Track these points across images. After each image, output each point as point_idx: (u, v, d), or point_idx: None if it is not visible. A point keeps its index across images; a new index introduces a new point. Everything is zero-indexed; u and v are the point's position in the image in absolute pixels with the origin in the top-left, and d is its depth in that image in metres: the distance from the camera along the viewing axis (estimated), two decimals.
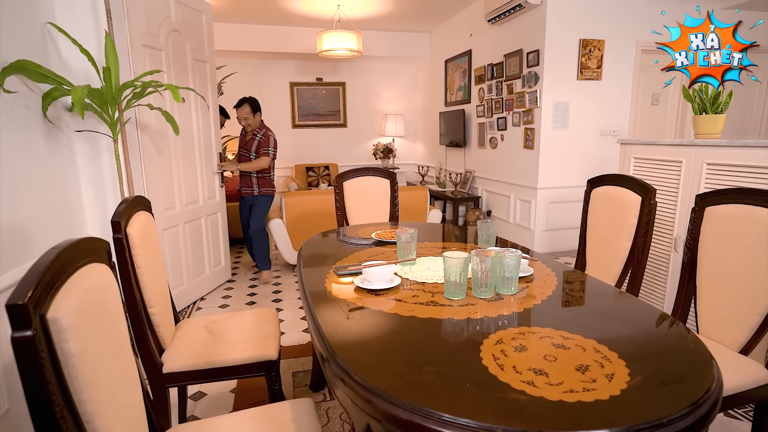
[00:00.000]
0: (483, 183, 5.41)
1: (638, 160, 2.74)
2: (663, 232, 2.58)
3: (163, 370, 1.55)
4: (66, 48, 2.18)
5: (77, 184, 2.33)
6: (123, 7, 2.47)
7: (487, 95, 5.13)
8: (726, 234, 1.62)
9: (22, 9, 1.94)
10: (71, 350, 0.79)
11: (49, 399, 0.74)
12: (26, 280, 0.75)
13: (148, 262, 1.54)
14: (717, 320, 1.64)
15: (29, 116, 1.94)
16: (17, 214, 1.81)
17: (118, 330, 1.01)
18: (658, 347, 1.04)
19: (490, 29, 4.97)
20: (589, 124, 4.35)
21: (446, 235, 2.29)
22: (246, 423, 1.19)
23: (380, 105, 7.42)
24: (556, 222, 4.43)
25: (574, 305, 1.30)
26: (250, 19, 5.72)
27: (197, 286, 3.36)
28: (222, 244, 3.67)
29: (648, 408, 0.79)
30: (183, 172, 3.07)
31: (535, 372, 0.90)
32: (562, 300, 1.30)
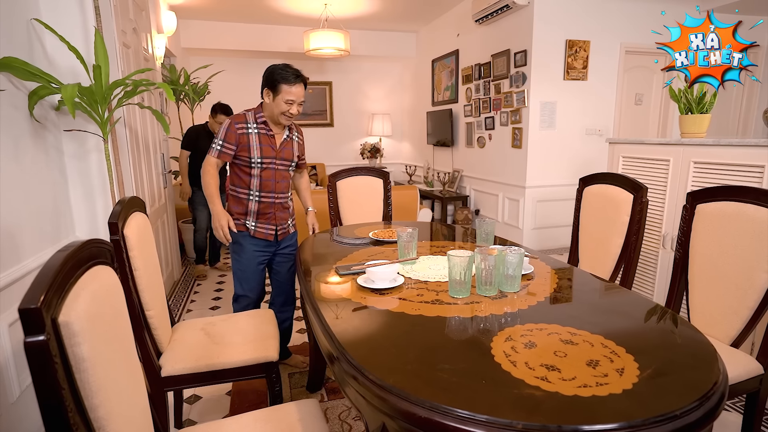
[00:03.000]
0: (471, 182, 5.45)
1: (626, 158, 2.80)
2: (652, 229, 2.64)
3: (162, 373, 1.53)
4: (52, 45, 2.12)
5: (65, 185, 2.27)
6: (110, 4, 2.41)
7: (475, 95, 5.17)
8: (717, 230, 1.66)
9: (5, 4, 1.87)
10: (83, 354, 0.77)
11: (63, 405, 0.73)
12: (37, 284, 0.72)
13: (146, 264, 1.51)
14: (709, 315, 1.68)
15: (15, 115, 1.88)
16: (2, 216, 1.75)
17: (126, 333, 0.99)
18: (663, 341, 1.06)
19: (477, 29, 5.01)
20: (576, 123, 4.43)
21: (437, 234, 2.30)
22: (253, 425, 1.18)
23: (367, 104, 7.41)
24: (545, 220, 4.50)
25: (576, 302, 1.32)
26: (236, 17, 5.65)
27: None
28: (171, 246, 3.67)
29: (661, 401, 0.81)
30: (146, 173, 3.02)
31: (547, 368, 0.91)
32: (564, 296, 1.32)
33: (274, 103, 1.94)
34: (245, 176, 2.03)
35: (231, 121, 1.99)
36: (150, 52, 3.36)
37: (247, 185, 2.04)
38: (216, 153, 1.99)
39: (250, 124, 2.00)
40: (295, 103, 1.94)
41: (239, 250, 2.09)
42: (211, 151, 2.00)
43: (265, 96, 1.97)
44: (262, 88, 1.98)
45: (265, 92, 1.96)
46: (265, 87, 1.96)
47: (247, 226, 2.07)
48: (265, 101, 1.98)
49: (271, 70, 1.95)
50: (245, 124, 1.99)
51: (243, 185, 2.05)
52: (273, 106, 1.95)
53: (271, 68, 1.96)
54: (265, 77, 1.96)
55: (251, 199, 2.05)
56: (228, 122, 1.99)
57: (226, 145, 1.98)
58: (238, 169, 2.05)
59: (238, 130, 1.98)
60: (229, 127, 1.98)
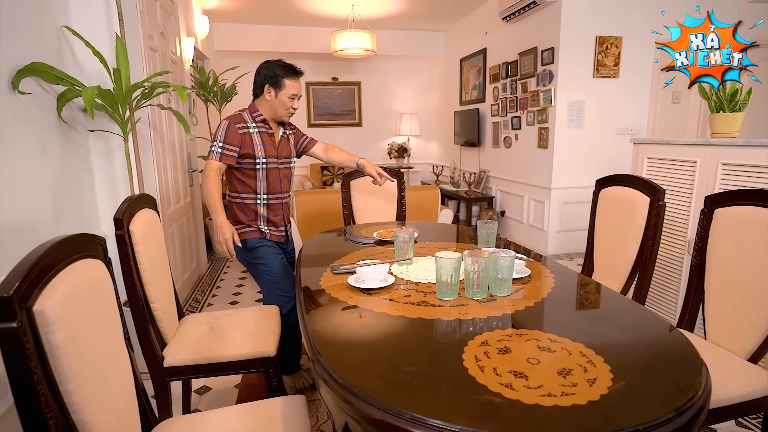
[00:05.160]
0: (497, 183, 5.35)
1: (651, 160, 2.66)
2: (676, 235, 2.51)
3: (164, 363, 1.59)
4: (81, 50, 2.25)
5: (92, 182, 2.41)
6: (137, 10, 2.54)
7: (502, 94, 5.07)
8: (735, 237, 1.56)
9: (38, 13, 2.01)
10: (57, 342, 0.82)
11: (34, 389, 0.77)
12: (13, 275, 0.77)
13: (151, 259, 1.57)
14: (725, 326, 1.58)
15: (44, 116, 2.01)
16: (30, 212, 1.88)
17: (110, 324, 1.04)
18: (648, 353, 1.01)
19: (504, 27, 4.91)
20: (606, 123, 4.26)
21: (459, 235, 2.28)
22: (236, 418, 1.21)
23: (395, 104, 7.42)
24: (570, 223, 4.35)
25: (567, 308, 1.28)
26: (266, 19, 5.80)
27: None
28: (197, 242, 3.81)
29: (626, 414, 0.77)
30: (171, 172, 3.14)
31: (515, 375, 0.89)
32: (555, 302, 1.28)
33: (277, 99, 1.90)
34: (249, 180, 1.95)
35: (230, 121, 1.89)
36: (178, 54, 3.50)
37: (253, 189, 1.96)
38: (217, 156, 1.85)
39: (249, 124, 1.92)
40: (296, 97, 1.91)
41: (263, 255, 1.98)
42: (211, 155, 1.86)
43: (265, 93, 1.91)
44: (260, 86, 1.91)
45: (266, 89, 1.90)
46: (265, 83, 1.90)
47: (261, 230, 2.00)
48: (265, 98, 1.92)
49: (270, 66, 1.90)
50: (245, 123, 1.91)
51: (248, 190, 1.97)
52: (276, 102, 1.90)
53: (269, 64, 1.91)
54: (264, 74, 1.90)
55: (259, 203, 1.98)
56: (226, 122, 1.89)
57: (227, 146, 1.86)
58: (240, 173, 1.95)
59: (239, 129, 1.88)
60: (229, 127, 1.87)
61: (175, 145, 3.26)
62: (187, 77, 3.88)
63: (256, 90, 1.95)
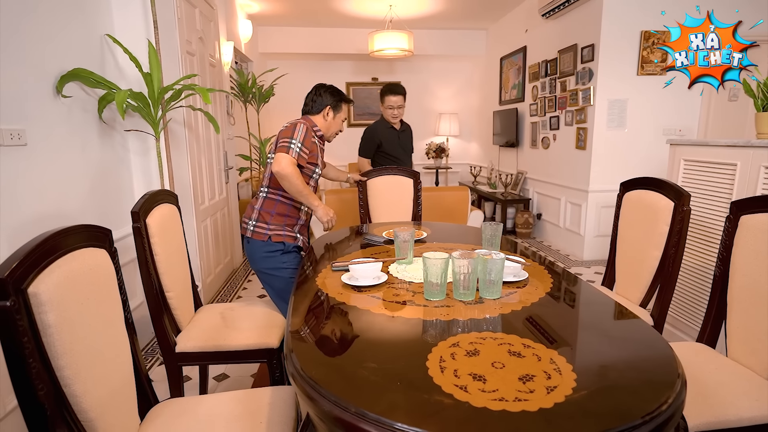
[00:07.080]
0: (534, 185, 5.20)
1: (688, 162, 2.49)
2: (714, 245, 2.33)
3: (176, 349, 1.70)
4: (122, 56, 2.44)
5: (130, 178, 2.60)
6: (175, 17, 2.71)
7: (541, 93, 4.92)
8: (762, 246, 1.44)
9: (83, 23, 2.20)
10: (49, 321, 0.91)
11: (26, 362, 0.86)
12: (10, 259, 0.87)
13: (167, 251, 1.68)
14: (748, 342, 1.47)
15: (86, 117, 2.20)
16: (71, 204, 2.06)
17: (108, 308, 1.13)
18: (624, 363, 0.97)
19: (544, 24, 4.76)
20: (650, 123, 4.02)
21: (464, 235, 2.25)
22: (226, 403, 1.28)
23: (435, 104, 7.37)
24: (608, 227, 4.14)
25: (554, 315, 1.24)
26: (307, 22, 5.96)
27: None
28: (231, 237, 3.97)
29: (575, 425, 0.75)
30: (207, 169, 3.30)
31: (474, 377, 0.88)
32: (544, 308, 1.25)
33: (334, 120, 2.08)
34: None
35: (309, 126, 1.96)
36: (217, 57, 3.69)
37: None
38: (295, 154, 1.87)
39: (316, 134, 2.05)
40: (345, 121, 2.17)
41: (295, 261, 2.01)
42: (291, 152, 1.86)
43: (326, 113, 2.05)
44: (321, 106, 2.04)
45: (327, 110, 2.05)
46: (327, 105, 2.04)
47: (297, 236, 2.04)
48: (325, 118, 2.06)
49: (333, 91, 2.08)
50: (314, 133, 2.02)
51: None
52: (332, 123, 2.09)
53: (330, 89, 2.08)
54: (328, 97, 2.05)
55: (303, 209, 2.05)
56: (304, 126, 1.93)
57: (303, 149, 1.90)
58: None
59: (313, 137, 1.98)
60: (308, 132, 1.93)
61: (212, 144, 3.44)
62: (226, 80, 4.07)
63: (314, 108, 2.06)
